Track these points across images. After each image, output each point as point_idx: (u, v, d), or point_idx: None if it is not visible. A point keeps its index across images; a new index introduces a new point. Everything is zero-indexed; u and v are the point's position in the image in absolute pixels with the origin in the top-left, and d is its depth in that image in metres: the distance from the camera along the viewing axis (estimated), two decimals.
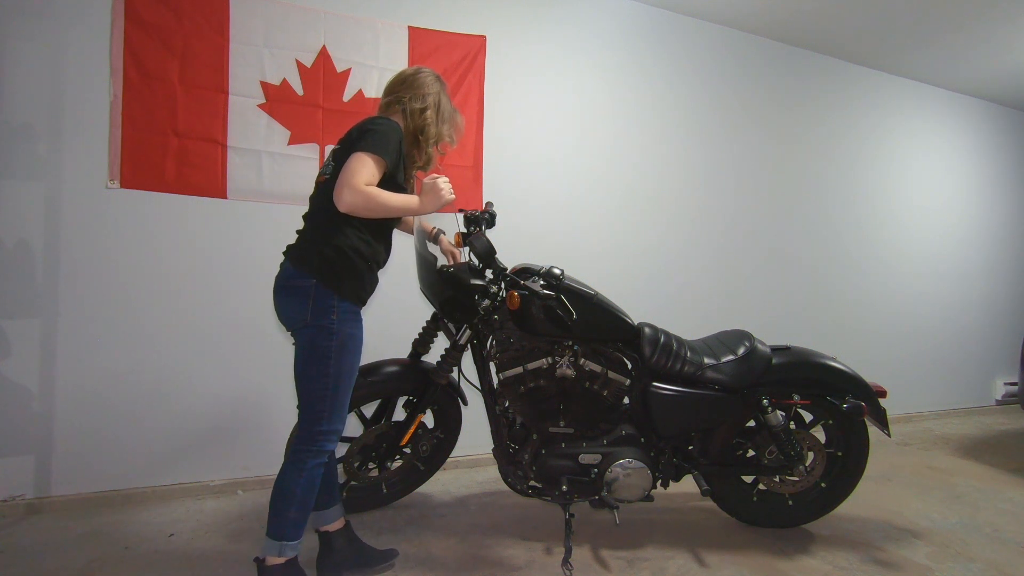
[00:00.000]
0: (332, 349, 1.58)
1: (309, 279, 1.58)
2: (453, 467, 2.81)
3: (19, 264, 2.23)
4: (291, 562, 1.62)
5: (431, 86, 1.76)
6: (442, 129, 1.78)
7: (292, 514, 1.60)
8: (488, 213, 2.00)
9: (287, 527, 1.60)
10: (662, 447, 2.13)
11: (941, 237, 4.54)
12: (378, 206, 1.54)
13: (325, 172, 1.66)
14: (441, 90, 1.79)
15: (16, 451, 2.25)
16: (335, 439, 1.65)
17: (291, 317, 1.63)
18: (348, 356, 1.62)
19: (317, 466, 1.62)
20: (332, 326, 1.58)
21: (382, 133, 1.59)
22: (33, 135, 2.24)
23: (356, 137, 1.59)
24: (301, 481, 1.60)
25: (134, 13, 2.31)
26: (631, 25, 3.32)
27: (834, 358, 2.25)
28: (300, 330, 1.61)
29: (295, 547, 1.62)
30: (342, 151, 1.62)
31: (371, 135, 1.57)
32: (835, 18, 3.47)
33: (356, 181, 1.50)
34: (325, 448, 1.63)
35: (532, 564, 1.97)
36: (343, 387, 1.62)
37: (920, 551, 2.17)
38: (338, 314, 1.59)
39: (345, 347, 1.61)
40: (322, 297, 1.58)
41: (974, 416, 4.54)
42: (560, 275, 1.93)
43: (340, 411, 1.64)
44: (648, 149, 3.40)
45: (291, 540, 1.61)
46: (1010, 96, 4.64)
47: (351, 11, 2.66)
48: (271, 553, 1.60)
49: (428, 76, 1.78)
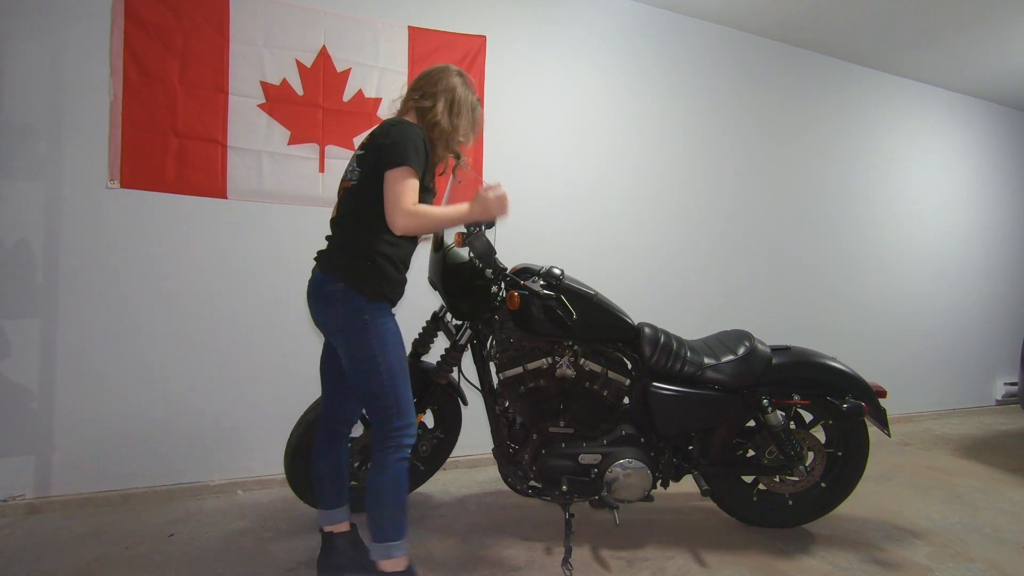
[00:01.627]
0: (375, 347, 1.59)
1: (338, 284, 1.59)
2: (453, 467, 2.81)
3: (19, 264, 2.23)
4: (409, 571, 1.64)
5: (444, 81, 1.71)
6: (456, 123, 1.71)
7: (387, 513, 1.61)
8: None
9: (387, 528, 1.61)
10: (662, 447, 2.13)
11: (941, 237, 4.54)
12: (431, 224, 1.60)
13: (351, 179, 1.65)
14: (459, 84, 1.72)
15: (16, 451, 2.25)
16: (412, 432, 1.65)
17: (326, 322, 1.65)
18: (393, 349, 1.62)
19: (399, 461, 1.62)
20: (367, 326, 1.59)
21: (408, 141, 1.57)
22: (33, 135, 2.24)
23: (384, 149, 1.57)
24: (387, 479, 1.60)
25: (134, 13, 2.31)
26: (631, 25, 3.32)
27: (834, 358, 2.25)
28: (336, 335, 1.63)
29: (401, 546, 1.62)
30: (368, 159, 1.61)
31: (399, 147, 1.55)
32: (835, 18, 3.47)
33: (405, 204, 1.52)
34: (403, 443, 1.63)
35: (532, 564, 1.97)
36: (399, 380, 1.62)
37: (920, 551, 2.17)
38: (369, 313, 1.60)
39: (386, 342, 1.61)
40: (351, 300, 1.59)
41: (974, 416, 4.54)
42: (560, 275, 1.93)
43: (406, 404, 1.64)
44: (648, 149, 3.40)
45: (394, 540, 1.61)
46: (1010, 96, 4.64)
47: (351, 11, 2.66)
48: (380, 556, 1.62)
49: (443, 71, 1.73)
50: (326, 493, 1.81)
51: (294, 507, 2.32)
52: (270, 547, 2.03)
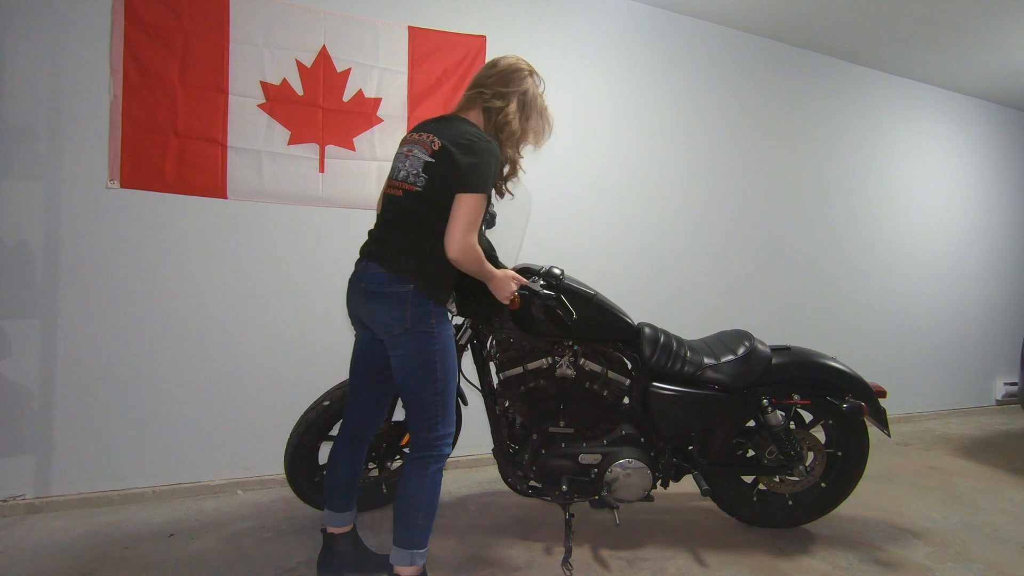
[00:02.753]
0: (436, 353, 1.58)
1: (407, 284, 1.54)
2: (453, 467, 2.81)
3: (19, 264, 2.23)
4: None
5: (517, 81, 1.66)
6: (526, 126, 1.67)
7: (420, 521, 1.59)
8: (488, 213, 2.00)
9: (415, 535, 1.59)
10: (662, 447, 2.13)
11: (941, 237, 4.54)
12: (474, 267, 1.59)
13: (416, 184, 1.56)
14: (532, 84, 1.68)
15: (16, 451, 2.25)
16: (451, 440, 1.65)
17: (386, 324, 1.58)
18: (450, 358, 1.63)
19: (439, 471, 1.62)
20: (433, 331, 1.57)
21: (491, 167, 1.56)
22: (33, 135, 2.24)
23: (466, 170, 1.52)
24: (425, 488, 1.59)
25: (134, 13, 2.30)
26: (631, 25, 3.32)
27: (834, 358, 2.25)
28: (398, 336, 1.57)
29: (423, 555, 1.61)
30: (441, 170, 1.54)
31: (481, 172, 1.53)
32: (835, 18, 3.47)
33: (470, 238, 1.53)
34: (444, 453, 1.63)
35: (532, 564, 1.97)
36: (451, 389, 1.62)
37: (920, 551, 2.17)
38: (436, 318, 1.58)
39: (447, 350, 1.61)
40: (420, 303, 1.56)
41: (974, 416, 4.54)
42: (560, 275, 1.93)
43: (451, 414, 1.64)
44: (648, 149, 3.40)
45: (419, 548, 1.60)
46: (1010, 96, 4.64)
47: (351, 11, 2.66)
48: (401, 563, 1.58)
49: (516, 70, 1.68)
50: (337, 496, 1.79)
51: (294, 507, 2.32)
52: (270, 547, 2.03)
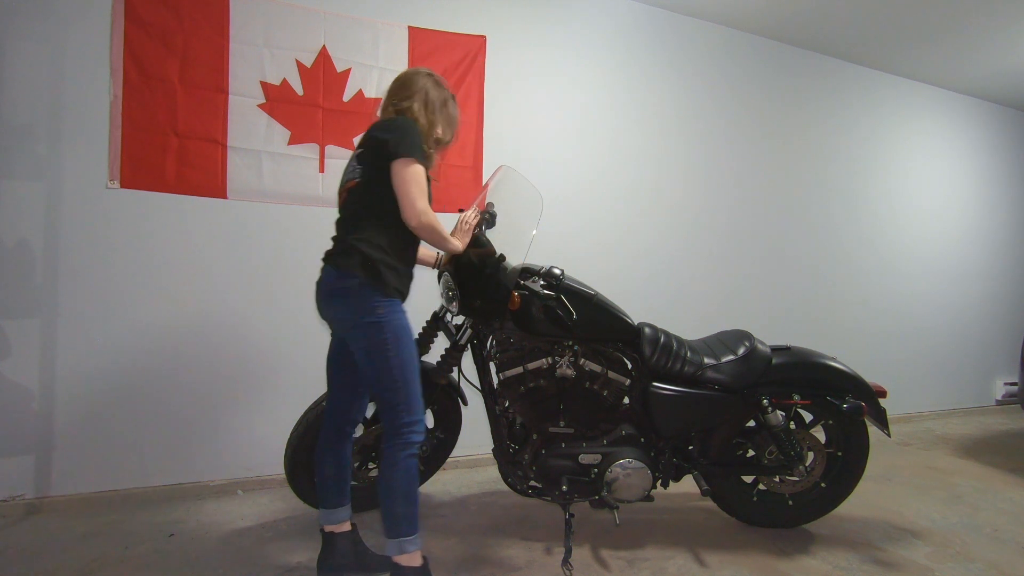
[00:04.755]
0: (388, 342, 1.61)
1: (354, 278, 1.61)
2: (453, 467, 2.81)
3: (19, 264, 2.23)
4: (424, 568, 1.66)
5: (417, 83, 1.76)
6: (432, 119, 1.75)
7: (400, 509, 1.62)
8: (488, 213, 2.00)
9: (399, 523, 1.62)
10: (662, 447, 2.12)
11: (941, 237, 4.54)
12: (434, 237, 1.66)
13: (354, 177, 1.68)
14: (430, 84, 1.77)
15: (16, 451, 2.25)
16: (420, 428, 1.66)
17: (342, 319, 1.68)
18: (406, 346, 1.65)
19: (409, 457, 1.64)
20: (381, 320, 1.61)
21: (412, 134, 1.62)
22: (33, 135, 2.24)
23: (389, 142, 1.60)
24: (397, 476, 1.62)
25: (134, 13, 2.31)
26: (631, 25, 3.32)
27: (834, 358, 2.25)
28: (352, 331, 1.65)
29: (414, 541, 1.64)
30: (368, 155, 1.65)
31: (403, 138, 1.60)
32: (835, 18, 3.47)
33: (422, 203, 1.58)
34: (412, 440, 1.64)
35: (532, 564, 1.97)
36: (410, 376, 1.65)
37: (920, 551, 2.17)
38: (384, 308, 1.62)
39: (400, 338, 1.64)
40: (367, 294, 1.61)
41: (974, 416, 4.54)
42: (560, 275, 1.93)
43: (416, 400, 1.66)
44: (648, 149, 3.40)
45: (407, 535, 1.62)
46: (1010, 96, 4.64)
47: (351, 11, 2.66)
48: (393, 552, 1.63)
49: (414, 74, 1.79)
50: (329, 493, 1.81)
51: (294, 507, 2.32)
52: (270, 547, 2.03)
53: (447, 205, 2.82)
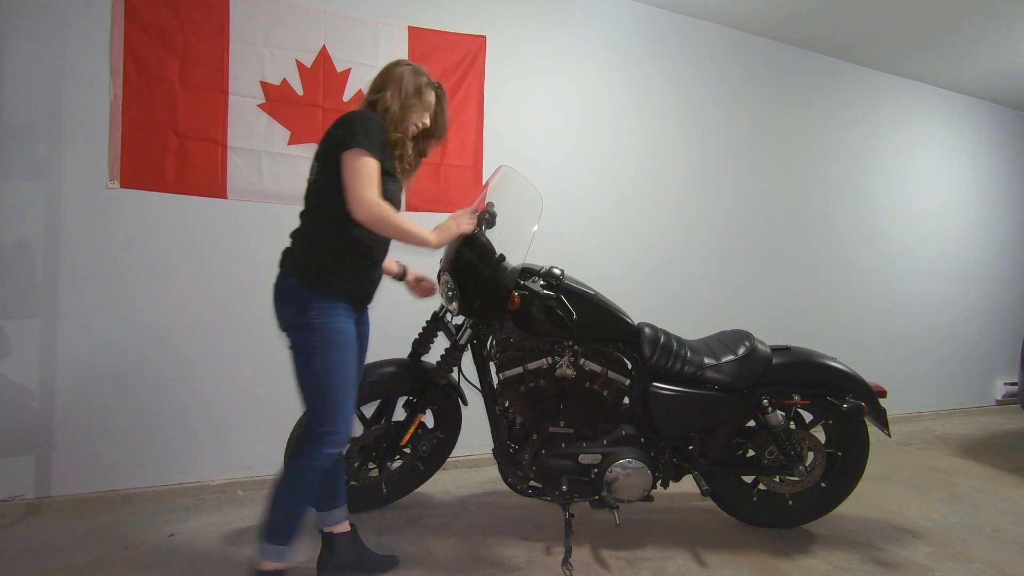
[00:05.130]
0: (315, 346, 1.55)
1: (291, 279, 1.58)
2: (453, 467, 2.81)
3: (19, 264, 2.23)
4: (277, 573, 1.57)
5: (393, 73, 1.70)
6: (407, 103, 1.68)
7: (273, 513, 1.57)
8: (488, 213, 2.00)
9: (269, 528, 1.57)
10: (662, 447, 2.12)
11: (941, 237, 4.54)
12: (389, 229, 1.56)
13: (311, 176, 1.65)
14: (407, 71, 1.71)
15: (16, 451, 2.25)
16: (335, 441, 1.59)
17: (281, 319, 1.62)
18: (335, 352, 1.56)
19: (309, 469, 1.57)
20: (312, 322, 1.55)
21: (357, 123, 1.56)
22: (33, 135, 2.24)
23: (337, 137, 1.56)
24: (287, 477, 1.58)
25: (134, 13, 2.31)
26: (631, 25, 3.32)
27: (834, 358, 2.25)
28: (287, 331, 1.61)
29: (278, 552, 1.56)
30: (322, 151, 1.61)
31: (350, 131, 1.54)
32: (835, 18, 3.47)
33: (366, 194, 1.50)
34: (323, 451, 1.57)
35: (532, 564, 1.97)
36: (335, 385, 1.57)
37: (920, 551, 2.17)
38: (319, 311, 1.55)
39: (330, 343, 1.55)
40: (303, 295, 1.56)
41: (974, 416, 4.54)
42: (560, 275, 1.93)
43: (336, 411, 1.58)
44: (648, 149, 3.40)
45: (273, 543, 1.56)
46: (1010, 96, 4.63)
47: (351, 11, 2.66)
48: (256, 555, 1.57)
49: (391, 65, 1.73)
50: (321, 496, 1.80)
51: None
52: None
53: (447, 205, 2.82)
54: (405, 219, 1.58)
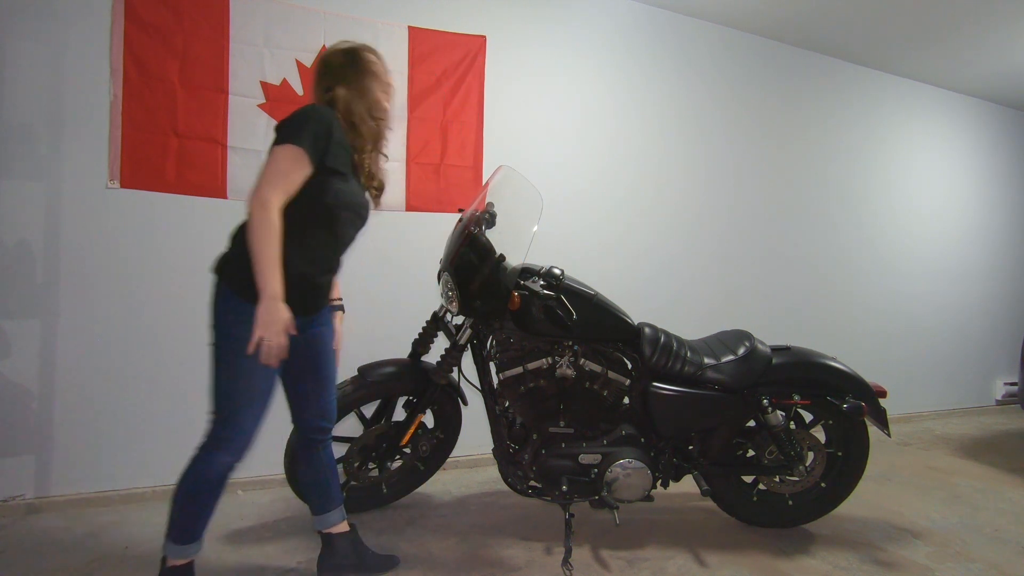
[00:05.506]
0: (222, 351, 1.49)
1: (218, 280, 1.52)
2: (453, 467, 2.81)
3: (19, 264, 2.23)
4: (174, 569, 1.53)
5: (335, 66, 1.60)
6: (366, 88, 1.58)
7: (175, 512, 1.53)
8: (488, 213, 2.00)
9: (172, 528, 1.54)
10: (662, 447, 2.12)
11: (941, 237, 4.54)
12: (257, 240, 1.38)
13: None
14: (348, 62, 1.60)
15: (16, 451, 2.25)
16: (229, 448, 1.51)
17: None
18: (242, 361, 1.43)
19: (204, 470, 1.51)
20: (223, 328, 1.49)
21: (299, 119, 1.47)
22: (33, 135, 2.24)
23: (276, 131, 1.48)
24: (183, 477, 1.53)
25: (134, 13, 2.30)
26: (631, 25, 3.32)
27: (834, 358, 2.25)
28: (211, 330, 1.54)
29: (181, 551, 1.53)
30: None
31: (287, 124, 1.47)
32: (835, 18, 3.47)
33: (261, 191, 1.40)
34: (215, 456, 1.50)
35: (532, 564, 1.97)
36: (236, 394, 1.49)
37: (920, 551, 2.17)
38: (233, 315, 1.46)
39: (238, 352, 1.42)
40: (222, 297, 1.50)
41: (974, 416, 4.54)
42: (560, 275, 1.93)
43: (232, 420, 1.50)
44: (648, 149, 3.40)
45: (174, 542, 1.53)
46: (1010, 96, 4.64)
47: (351, 11, 2.66)
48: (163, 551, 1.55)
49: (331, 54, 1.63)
50: (314, 499, 1.80)
51: (294, 507, 2.32)
52: (270, 547, 2.03)
53: (447, 205, 2.82)
54: (272, 247, 1.39)
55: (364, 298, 2.68)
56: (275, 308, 1.38)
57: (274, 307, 1.38)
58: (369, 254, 2.50)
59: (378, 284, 2.73)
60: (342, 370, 1.94)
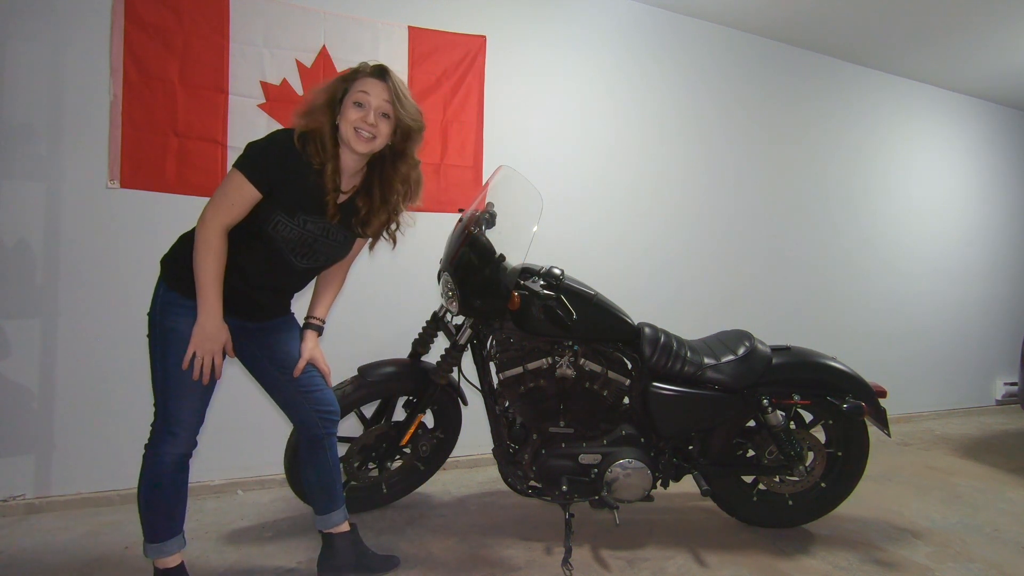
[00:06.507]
0: (153, 341, 1.50)
1: (159, 275, 1.56)
2: (453, 467, 2.81)
3: (19, 264, 2.23)
4: (165, 572, 1.56)
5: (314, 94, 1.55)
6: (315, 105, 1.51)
7: (141, 514, 1.55)
8: (488, 213, 2.00)
9: (144, 527, 1.55)
10: (662, 447, 2.13)
11: (941, 237, 4.54)
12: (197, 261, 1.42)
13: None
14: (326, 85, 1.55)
15: (16, 451, 2.25)
16: (174, 441, 1.52)
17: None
18: (173, 357, 1.46)
19: (152, 466, 1.53)
20: (153, 317, 1.51)
21: (252, 146, 1.48)
22: (33, 135, 2.24)
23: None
24: (140, 479, 1.55)
25: (134, 13, 2.30)
26: (631, 25, 3.32)
27: (834, 358, 2.25)
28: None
29: (158, 549, 1.55)
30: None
31: (243, 152, 1.48)
32: (835, 18, 3.46)
33: (206, 213, 1.44)
34: (162, 449, 1.52)
35: (532, 564, 1.97)
36: (171, 385, 1.49)
37: (920, 551, 2.17)
38: (164, 306, 1.49)
39: (167, 341, 1.46)
40: (158, 292, 1.53)
41: (974, 416, 4.54)
42: (560, 275, 1.93)
43: (172, 412, 1.51)
44: (648, 149, 3.40)
45: (150, 542, 1.55)
46: (1010, 96, 4.63)
47: (351, 11, 2.66)
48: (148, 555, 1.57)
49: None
50: (316, 499, 1.80)
51: (294, 507, 2.32)
52: (270, 547, 2.03)
53: (447, 205, 2.82)
54: (207, 265, 1.42)
55: (364, 298, 2.69)
56: (209, 325, 1.43)
57: (208, 324, 1.43)
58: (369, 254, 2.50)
59: (378, 284, 2.74)
60: (342, 370, 1.94)
